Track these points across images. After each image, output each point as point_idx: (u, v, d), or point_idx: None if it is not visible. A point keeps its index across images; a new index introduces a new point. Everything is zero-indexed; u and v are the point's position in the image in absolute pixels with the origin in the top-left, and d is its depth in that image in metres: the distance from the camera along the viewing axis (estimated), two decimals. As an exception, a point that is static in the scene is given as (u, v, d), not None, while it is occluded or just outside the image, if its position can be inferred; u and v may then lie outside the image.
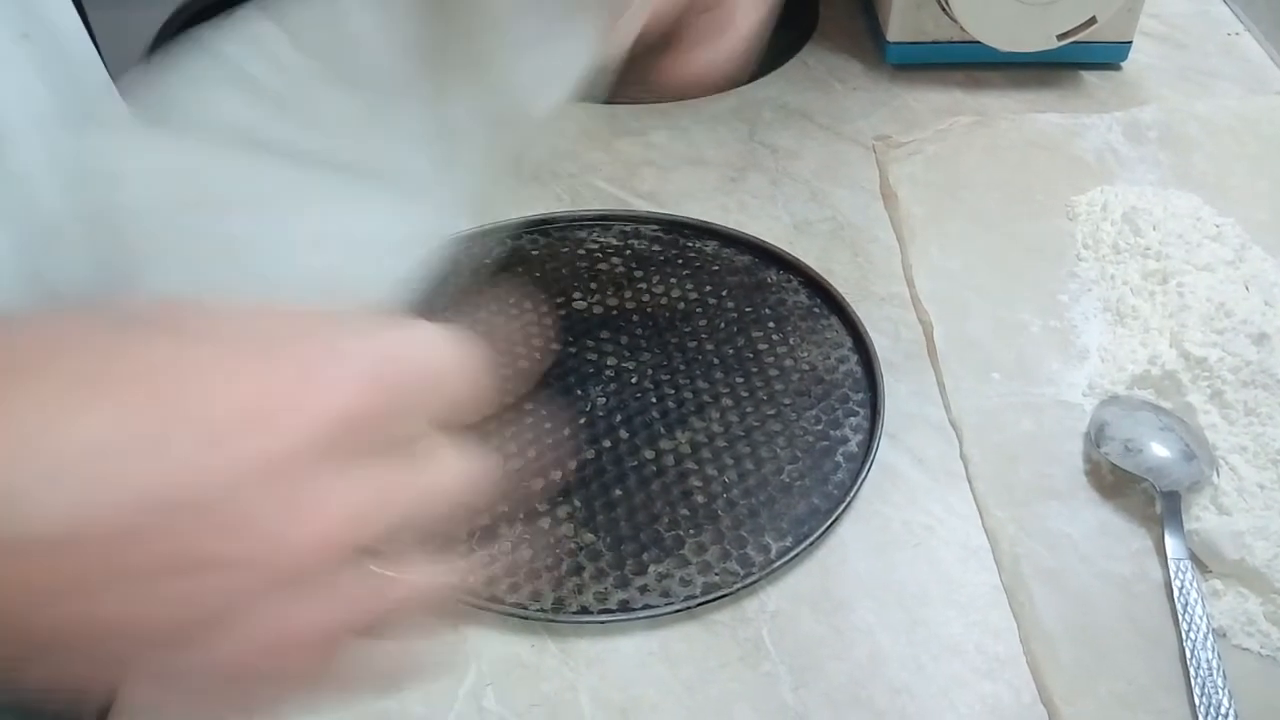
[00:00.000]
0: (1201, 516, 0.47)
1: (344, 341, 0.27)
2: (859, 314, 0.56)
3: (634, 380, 0.54)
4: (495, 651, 0.44)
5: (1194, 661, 0.43)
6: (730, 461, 0.50)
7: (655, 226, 0.63)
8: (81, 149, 0.44)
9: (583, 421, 0.52)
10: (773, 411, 0.52)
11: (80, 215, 0.45)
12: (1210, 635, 0.43)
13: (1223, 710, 0.41)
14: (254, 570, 0.25)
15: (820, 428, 0.51)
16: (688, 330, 0.56)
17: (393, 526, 0.27)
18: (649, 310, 0.58)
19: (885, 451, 0.51)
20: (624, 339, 0.56)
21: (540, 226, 0.63)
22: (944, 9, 0.71)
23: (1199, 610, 0.44)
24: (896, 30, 0.73)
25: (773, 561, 0.46)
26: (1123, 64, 0.75)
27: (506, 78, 0.41)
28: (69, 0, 0.48)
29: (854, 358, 0.55)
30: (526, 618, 0.45)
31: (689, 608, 0.45)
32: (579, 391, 0.53)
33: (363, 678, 0.30)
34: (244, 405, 0.25)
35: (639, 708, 0.43)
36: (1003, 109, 0.72)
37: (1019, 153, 0.67)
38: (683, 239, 0.62)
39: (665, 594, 0.45)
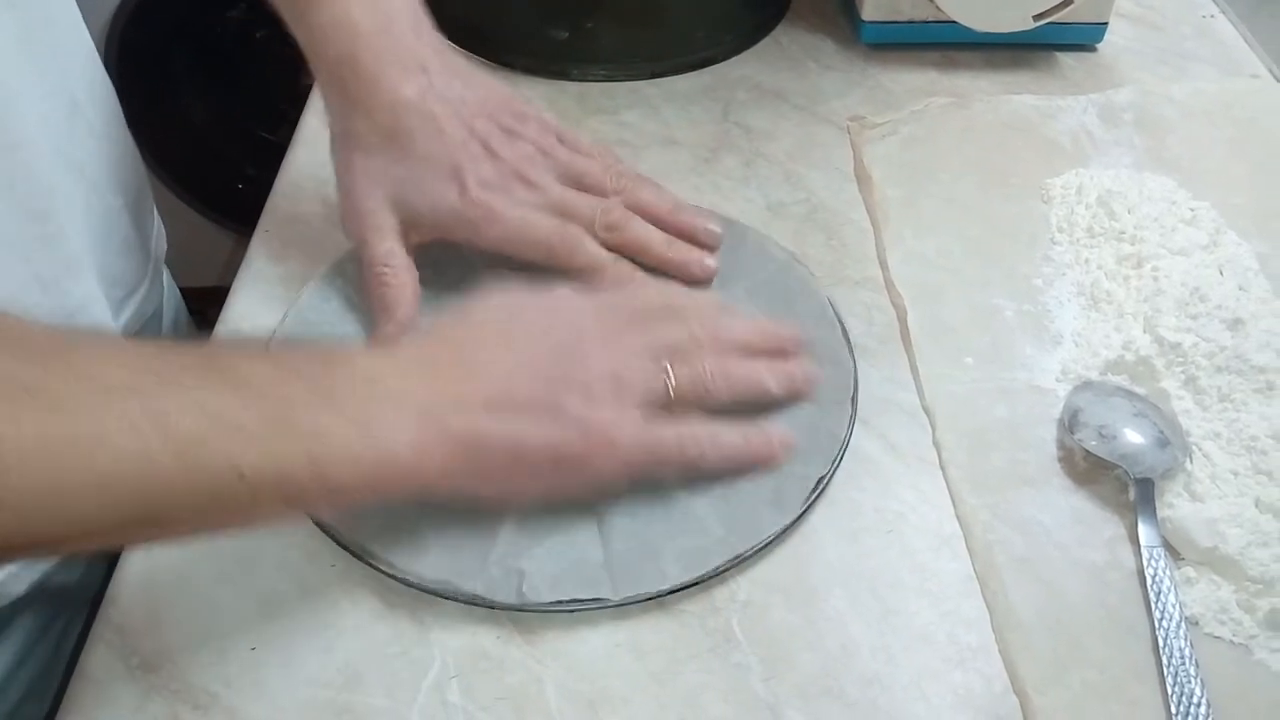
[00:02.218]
0: (1175, 504, 0.47)
1: None
2: (833, 298, 0.56)
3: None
4: (459, 643, 0.43)
5: (1166, 650, 0.42)
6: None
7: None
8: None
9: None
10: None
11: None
12: (1183, 623, 0.43)
13: (1195, 699, 0.41)
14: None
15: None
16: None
17: None
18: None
19: (858, 437, 0.50)
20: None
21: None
22: (920, -12, 0.70)
23: (1172, 598, 0.44)
24: (872, 9, 0.72)
25: (743, 550, 0.45)
26: (1098, 46, 0.74)
27: None
28: None
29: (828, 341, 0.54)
30: (492, 607, 0.44)
31: (658, 597, 0.44)
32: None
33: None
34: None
35: (607, 700, 0.42)
36: (978, 90, 0.71)
37: (994, 135, 0.67)
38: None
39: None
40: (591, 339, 0.45)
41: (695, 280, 0.55)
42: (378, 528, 0.45)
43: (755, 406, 0.49)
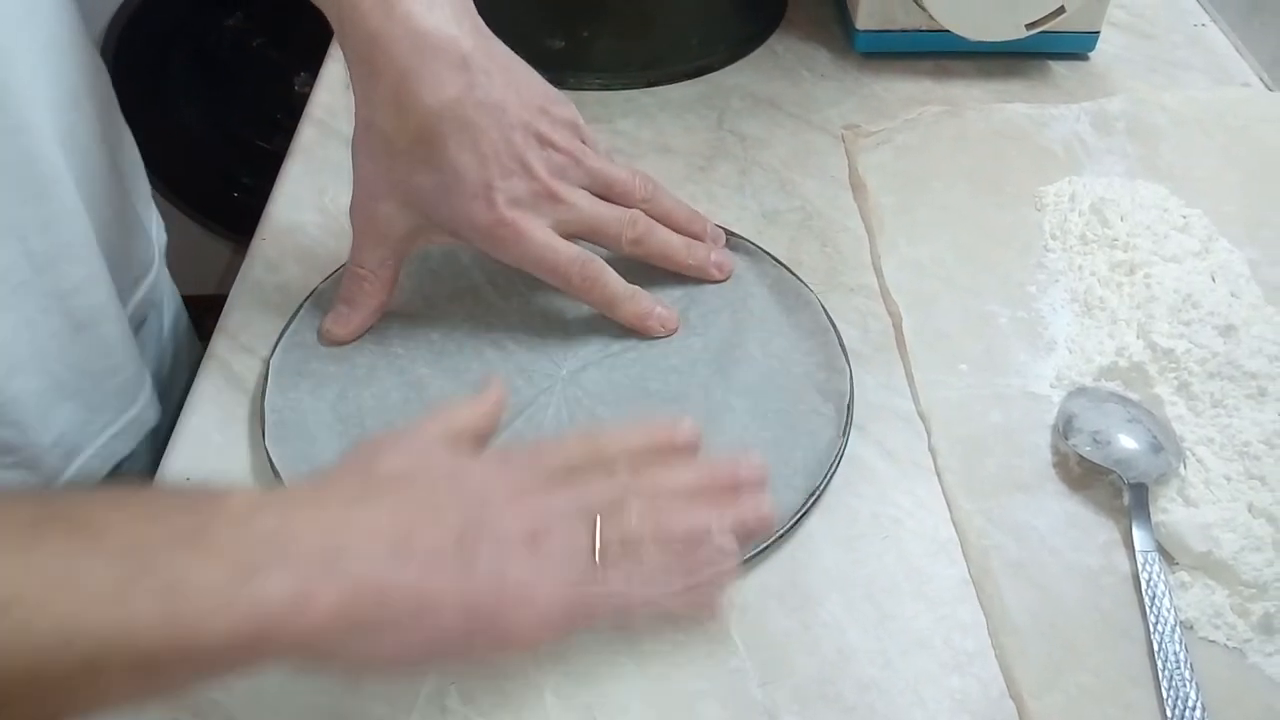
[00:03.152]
0: (1169, 508, 0.47)
1: None
2: (828, 305, 0.56)
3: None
4: (458, 649, 0.43)
5: (1161, 654, 0.43)
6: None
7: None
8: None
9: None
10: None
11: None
12: (1178, 627, 0.43)
13: (1190, 702, 0.41)
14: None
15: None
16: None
17: None
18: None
19: (853, 444, 0.50)
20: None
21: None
22: (913, -3, 0.70)
23: (1166, 602, 0.44)
24: (865, 18, 0.73)
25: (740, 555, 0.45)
26: (1090, 54, 0.75)
27: None
28: None
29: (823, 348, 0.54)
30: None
31: (656, 603, 0.44)
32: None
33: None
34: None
35: (605, 706, 0.42)
36: (971, 99, 0.71)
37: (987, 143, 0.67)
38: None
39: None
40: (503, 502, 0.39)
41: (714, 280, 0.56)
42: None
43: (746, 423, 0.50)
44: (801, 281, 0.57)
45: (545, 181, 0.50)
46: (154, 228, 0.63)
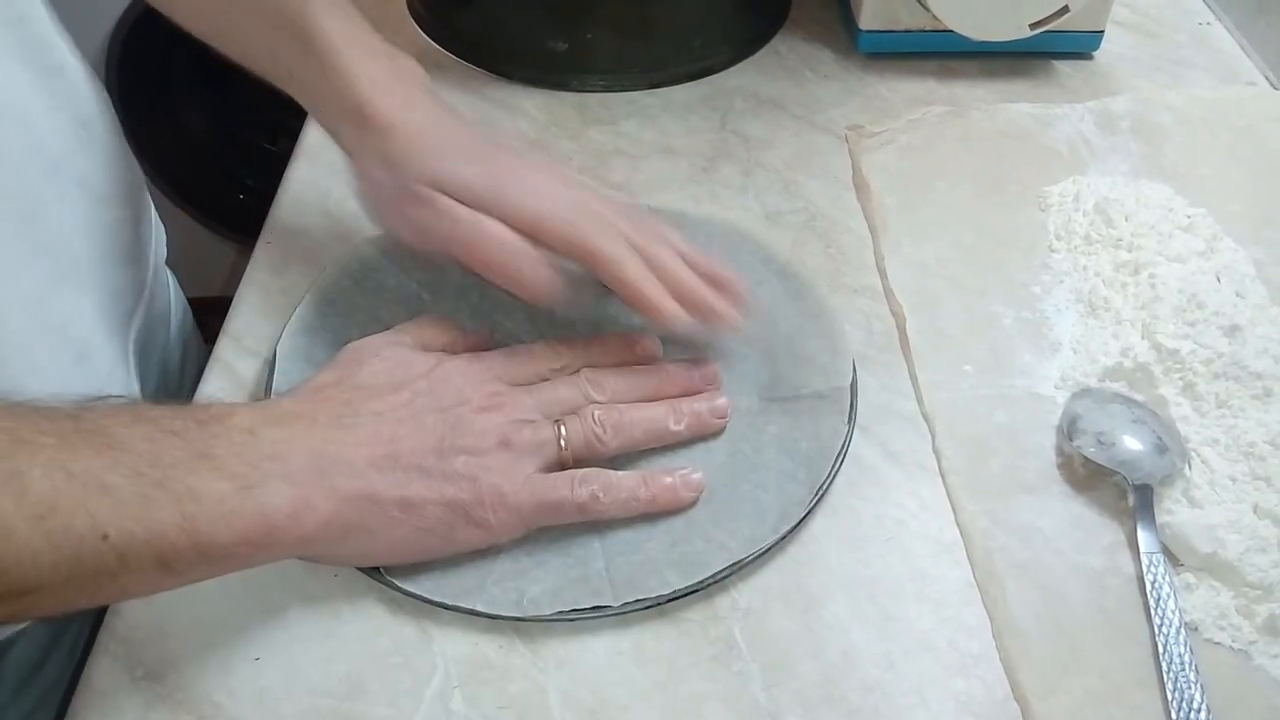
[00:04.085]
0: (1173, 510, 0.47)
1: None
2: (831, 306, 0.56)
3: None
4: (462, 652, 0.43)
5: (1166, 656, 0.43)
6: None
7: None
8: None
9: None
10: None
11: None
12: (1182, 629, 0.43)
13: (1195, 704, 0.41)
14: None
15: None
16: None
17: None
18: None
19: (857, 445, 0.50)
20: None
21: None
22: (917, -3, 0.70)
23: (1171, 604, 0.44)
24: (869, 19, 0.73)
25: (744, 557, 0.45)
26: (1095, 53, 0.75)
27: None
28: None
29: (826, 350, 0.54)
30: (494, 617, 0.44)
31: (659, 604, 0.44)
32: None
33: None
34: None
35: (609, 709, 0.42)
36: (975, 99, 0.71)
37: (991, 143, 0.67)
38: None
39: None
40: (475, 404, 0.45)
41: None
42: None
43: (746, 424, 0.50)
44: (804, 281, 0.57)
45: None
46: (154, 248, 0.63)
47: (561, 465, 0.46)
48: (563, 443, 0.45)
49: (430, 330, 0.50)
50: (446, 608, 0.44)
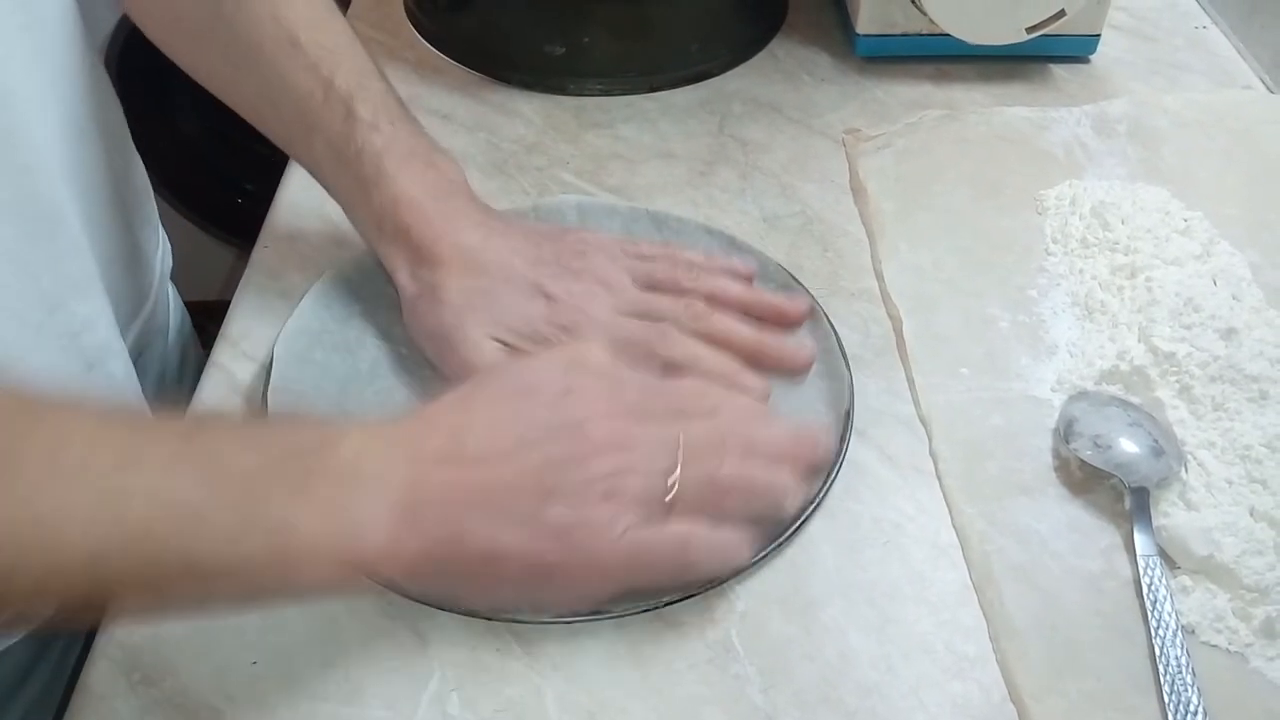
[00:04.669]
0: (1170, 512, 0.47)
1: None
2: (829, 309, 0.56)
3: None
4: (459, 655, 0.43)
5: (1163, 658, 0.43)
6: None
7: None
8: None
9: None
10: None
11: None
12: (1179, 632, 0.43)
13: (1192, 707, 0.41)
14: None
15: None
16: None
17: None
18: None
19: (855, 448, 0.50)
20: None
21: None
22: (913, 1, 0.70)
23: (1168, 607, 0.44)
24: (866, 22, 0.73)
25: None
26: (1091, 57, 0.75)
27: None
28: None
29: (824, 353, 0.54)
30: (491, 619, 0.44)
31: (656, 608, 0.44)
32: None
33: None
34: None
35: (606, 711, 0.42)
36: (972, 102, 0.71)
37: (988, 146, 0.67)
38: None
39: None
40: (600, 426, 0.42)
41: (798, 368, 0.52)
42: None
43: None
44: (802, 286, 0.57)
45: (590, 272, 0.52)
46: (159, 258, 0.63)
47: (667, 510, 0.42)
48: (669, 494, 0.42)
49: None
50: (444, 609, 0.44)
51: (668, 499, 0.42)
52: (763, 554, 0.46)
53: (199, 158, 1.48)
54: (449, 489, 0.40)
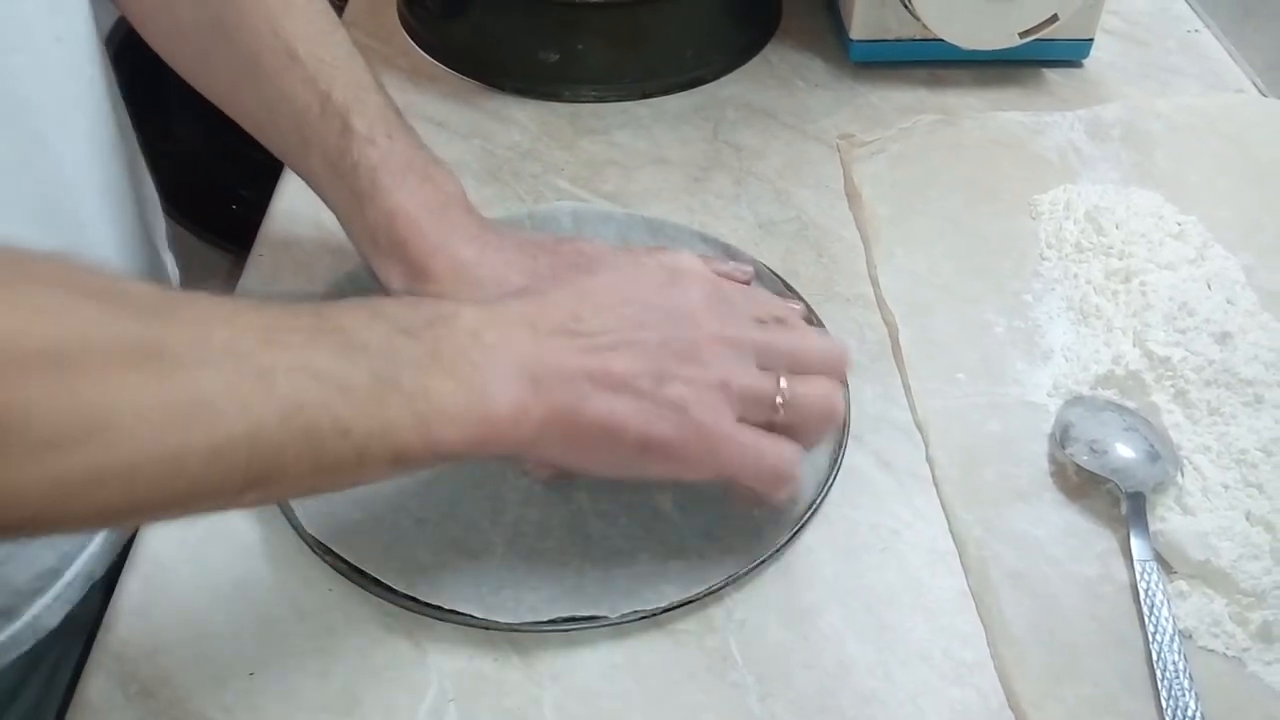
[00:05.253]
0: (1166, 517, 0.47)
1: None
2: (824, 315, 0.56)
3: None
4: (457, 666, 0.43)
5: (1160, 663, 0.43)
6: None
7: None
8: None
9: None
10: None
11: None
12: (1176, 637, 0.43)
13: (1189, 712, 0.41)
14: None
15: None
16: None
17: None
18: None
19: (851, 454, 0.50)
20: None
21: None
22: (906, 6, 0.70)
23: (1165, 612, 0.44)
24: (859, 28, 0.73)
25: (739, 568, 0.45)
26: (1084, 61, 0.75)
27: None
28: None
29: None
30: (490, 628, 0.44)
31: (654, 615, 0.44)
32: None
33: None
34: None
35: (604, 720, 0.42)
36: (966, 107, 0.72)
37: (982, 151, 0.67)
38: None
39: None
40: (707, 331, 0.44)
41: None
42: (374, 552, 0.45)
43: None
44: (796, 293, 0.57)
45: None
46: (168, 265, 0.63)
47: (769, 426, 0.44)
48: (780, 400, 0.44)
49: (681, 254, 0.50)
50: (442, 612, 0.44)
51: (776, 407, 0.44)
52: (760, 561, 0.46)
53: (194, 164, 1.48)
54: (569, 361, 0.41)
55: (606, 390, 0.41)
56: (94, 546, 0.52)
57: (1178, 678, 0.42)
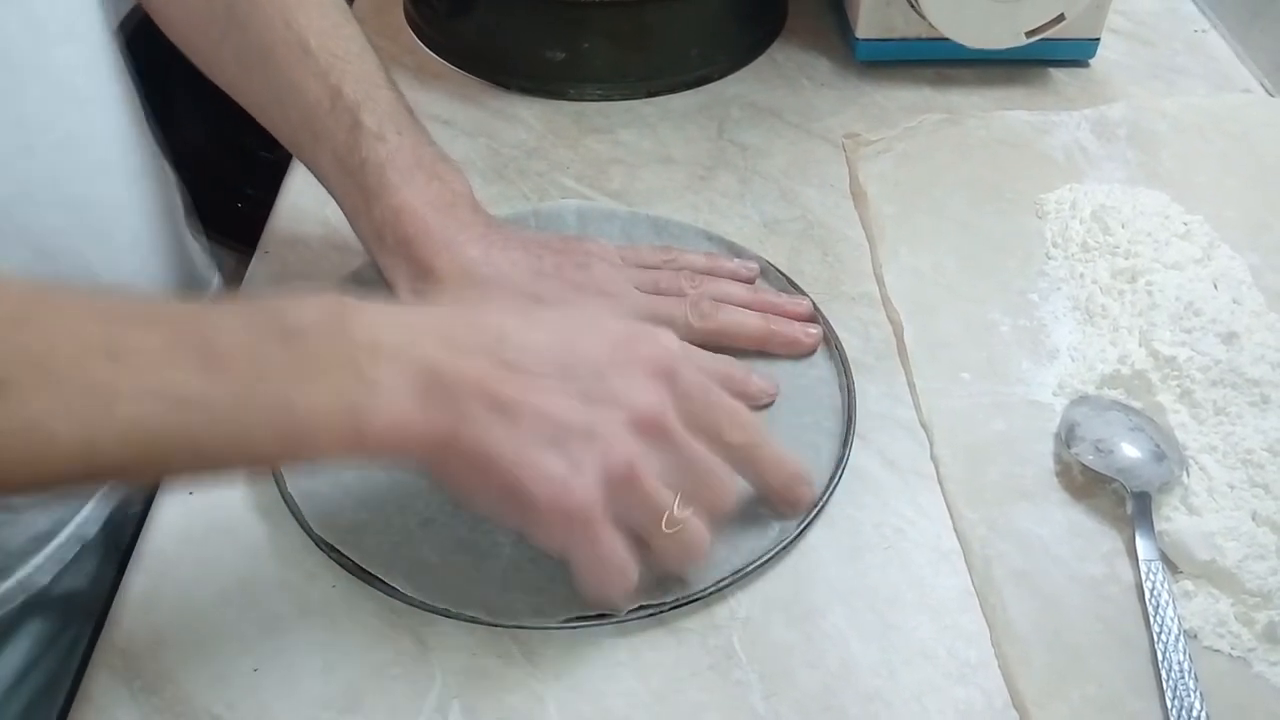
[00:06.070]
0: (1172, 517, 0.47)
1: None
2: (829, 314, 0.56)
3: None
4: (461, 663, 0.43)
5: (1165, 663, 0.42)
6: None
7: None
8: None
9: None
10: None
11: None
12: (1181, 637, 0.43)
13: (1194, 713, 0.41)
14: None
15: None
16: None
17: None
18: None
19: (856, 453, 0.50)
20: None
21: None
22: (913, 6, 0.70)
23: (1170, 612, 0.44)
24: (865, 27, 0.73)
25: (743, 567, 0.45)
26: (1091, 61, 0.75)
27: None
28: None
29: (825, 359, 0.54)
30: (493, 625, 0.44)
31: (659, 613, 0.44)
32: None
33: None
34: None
35: (607, 718, 0.42)
36: (972, 106, 0.71)
37: (988, 150, 0.67)
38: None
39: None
40: (639, 407, 0.40)
41: (806, 351, 0.54)
42: (380, 553, 0.45)
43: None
44: (802, 292, 0.57)
45: (588, 284, 0.53)
46: (194, 255, 0.64)
47: (640, 536, 0.42)
48: (664, 520, 0.41)
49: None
50: (446, 614, 0.44)
51: (662, 525, 0.41)
52: (764, 559, 0.46)
53: (198, 162, 1.48)
54: (470, 378, 0.38)
55: (496, 416, 0.38)
56: (88, 510, 0.52)
57: (1183, 678, 0.42)
